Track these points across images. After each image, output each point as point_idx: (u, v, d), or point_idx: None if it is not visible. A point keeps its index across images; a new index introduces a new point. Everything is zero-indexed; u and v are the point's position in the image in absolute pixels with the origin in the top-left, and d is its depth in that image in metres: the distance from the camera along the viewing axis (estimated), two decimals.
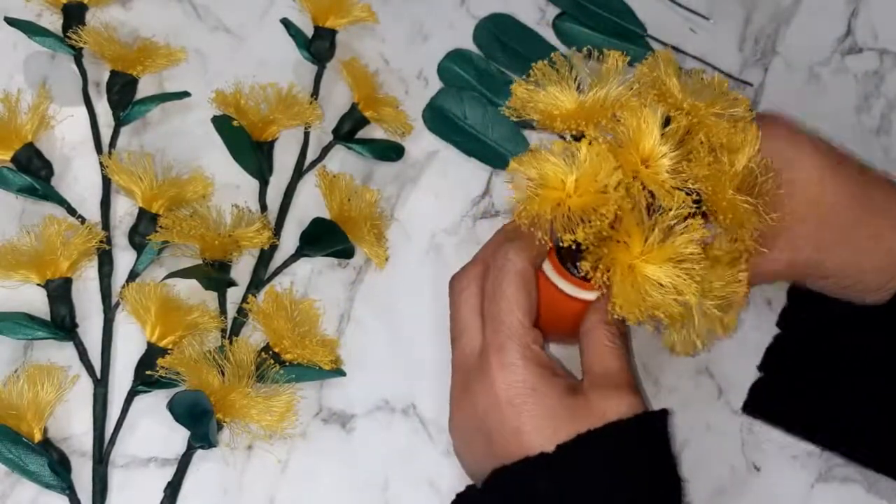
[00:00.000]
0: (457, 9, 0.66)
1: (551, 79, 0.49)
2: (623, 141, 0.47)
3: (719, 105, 0.49)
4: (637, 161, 0.47)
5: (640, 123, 0.47)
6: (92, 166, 0.59)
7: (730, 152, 0.49)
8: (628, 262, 0.46)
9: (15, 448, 0.51)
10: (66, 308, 0.55)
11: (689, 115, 0.48)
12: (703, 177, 0.47)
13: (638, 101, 0.48)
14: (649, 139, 0.47)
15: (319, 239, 0.58)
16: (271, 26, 0.63)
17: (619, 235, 0.46)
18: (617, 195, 0.45)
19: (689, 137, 0.48)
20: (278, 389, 0.53)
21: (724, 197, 0.48)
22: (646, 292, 0.45)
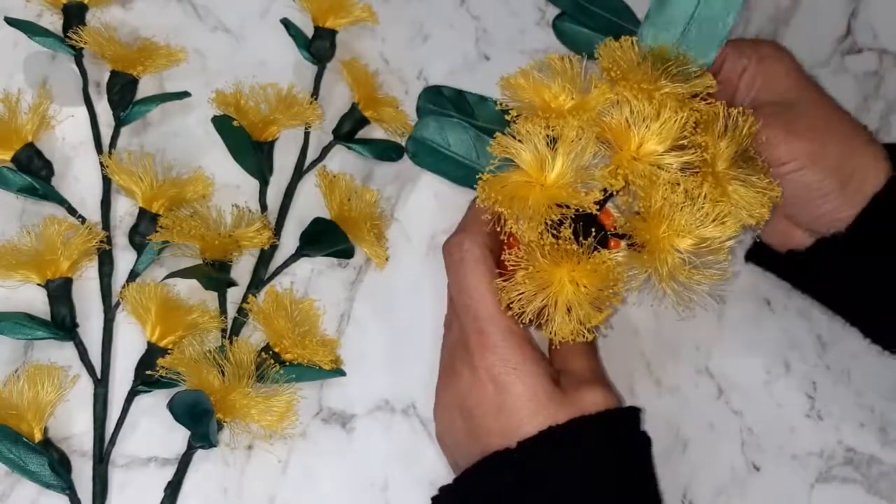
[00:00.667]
0: (457, 9, 0.66)
1: (555, 74, 0.50)
2: (613, 130, 0.48)
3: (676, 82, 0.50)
4: (629, 147, 0.48)
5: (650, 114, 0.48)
6: (92, 166, 0.59)
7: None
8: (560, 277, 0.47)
9: (15, 448, 0.51)
10: (66, 308, 0.55)
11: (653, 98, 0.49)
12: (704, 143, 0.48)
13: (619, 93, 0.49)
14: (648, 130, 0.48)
15: (319, 239, 0.58)
16: (271, 26, 0.63)
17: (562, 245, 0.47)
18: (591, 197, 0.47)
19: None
20: (278, 389, 0.53)
21: (715, 169, 0.49)
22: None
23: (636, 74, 0.50)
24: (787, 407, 0.59)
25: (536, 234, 0.47)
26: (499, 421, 0.48)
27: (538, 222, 0.47)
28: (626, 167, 0.48)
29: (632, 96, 0.49)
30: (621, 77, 0.50)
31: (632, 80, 0.49)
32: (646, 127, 0.48)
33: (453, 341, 0.52)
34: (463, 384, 0.50)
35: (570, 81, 0.50)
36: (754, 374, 0.59)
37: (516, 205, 0.47)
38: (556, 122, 0.49)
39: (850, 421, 0.59)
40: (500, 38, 0.66)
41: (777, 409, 0.59)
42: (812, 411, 0.59)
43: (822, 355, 0.60)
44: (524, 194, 0.47)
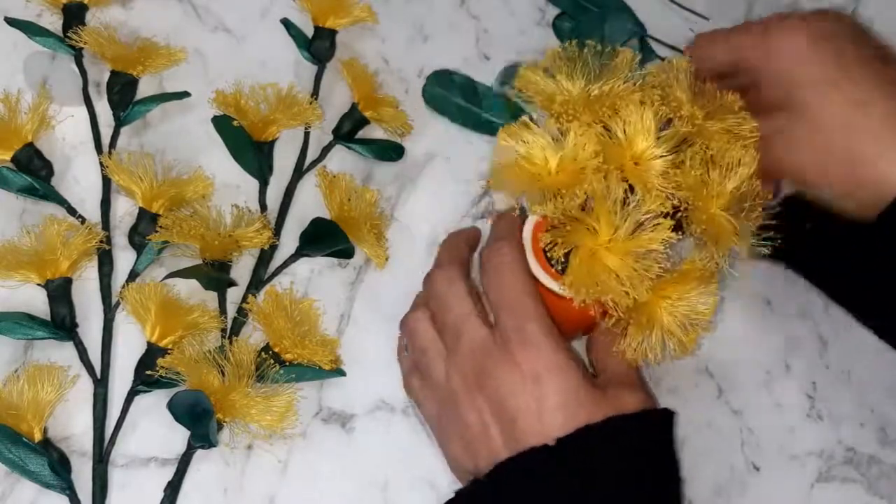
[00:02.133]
0: (457, 9, 0.66)
1: (561, 67, 0.50)
2: (617, 134, 0.48)
3: (724, 121, 0.50)
4: (627, 156, 0.47)
5: (637, 120, 0.47)
6: (92, 166, 0.59)
7: (726, 170, 0.49)
8: (592, 248, 0.47)
9: (15, 448, 0.51)
10: (66, 308, 0.55)
11: (689, 123, 0.48)
12: (690, 186, 0.48)
13: (640, 97, 0.49)
14: (644, 138, 0.47)
15: (319, 239, 0.58)
16: (271, 26, 0.63)
17: (588, 220, 0.47)
18: (593, 178, 0.46)
19: (687, 146, 0.49)
20: (278, 389, 0.53)
21: (707, 211, 0.48)
22: (600, 279, 0.47)
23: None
24: (787, 407, 0.59)
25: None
26: (542, 422, 0.47)
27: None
28: (624, 173, 0.48)
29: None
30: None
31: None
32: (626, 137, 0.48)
33: (477, 345, 0.50)
34: (503, 387, 0.49)
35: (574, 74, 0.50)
36: (754, 374, 0.59)
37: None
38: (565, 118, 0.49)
39: (850, 421, 0.59)
40: (500, 38, 0.66)
41: (777, 409, 0.59)
42: (812, 411, 0.59)
43: (822, 355, 0.60)
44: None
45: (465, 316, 0.51)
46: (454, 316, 0.51)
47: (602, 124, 0.49)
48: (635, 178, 0.47)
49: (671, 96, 0.49)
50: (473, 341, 0.50)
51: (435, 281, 0.54)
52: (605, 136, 0.48)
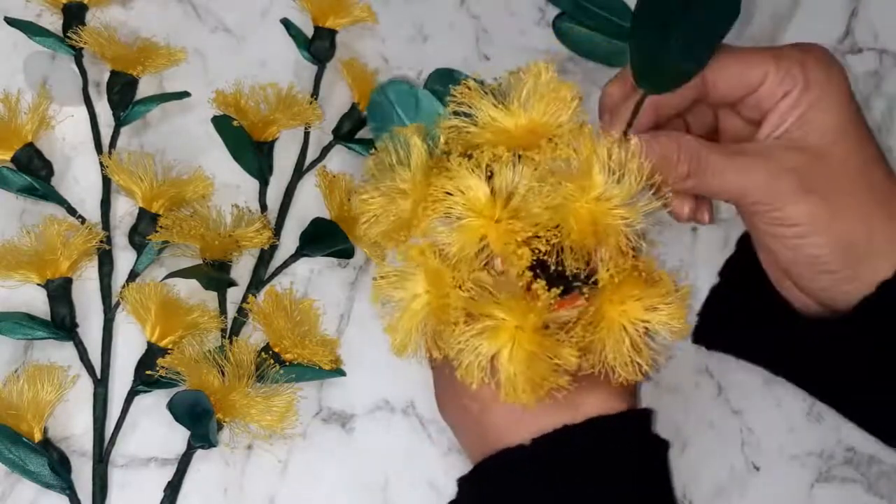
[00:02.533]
0: (457, 9, 0.66)
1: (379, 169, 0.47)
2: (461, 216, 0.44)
3: (545, 113, 0.45)
4: (485, 231, 0.43)
5: (461, 189, 0.43)
6: (92, 166, 0.59)
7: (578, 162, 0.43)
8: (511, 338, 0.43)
9: (15, 448, 0.51)
10: (66, 308, 0.55)
11: (496, 144, 0.44)
12: (551, 207, 0.42)
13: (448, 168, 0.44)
14: (479, 196, 0.43)
15: (319, 239, 0.58)
16: (271, 26, 0.63)
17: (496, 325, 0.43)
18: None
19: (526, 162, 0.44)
20: (278, 389, 0.53)
21: (583, 219, 0.43)
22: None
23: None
24: (787, 407, 0.59)
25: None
26: (516, 434, 0.47)
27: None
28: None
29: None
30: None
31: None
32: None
33: (433, 377, 0.52)
34: (456, 424, 0.50)
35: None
36: (754, 374, 0.59)
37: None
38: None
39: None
40: (500, 38, 0.66)
41: (777, 408, 0.59)
42: (812, 411, 0.59)
43: None
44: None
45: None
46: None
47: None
48: (502, 244, 0.43)
49: (470, 138, 0.46)
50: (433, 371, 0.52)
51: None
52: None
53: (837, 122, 0.47)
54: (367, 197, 0.46)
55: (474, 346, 0.43)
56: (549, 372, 0.43)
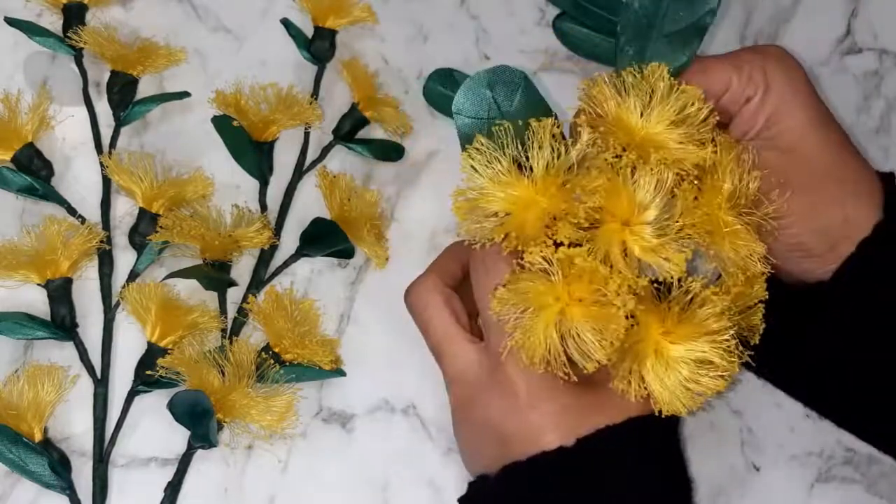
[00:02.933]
0: (457, 9, 0.66)
1: (485, 165, 0.45)
2: (602, 219, 0.43)
3: (680, 126, 0.45)
4: (622, 234, 0.43)
5: (614, 196, 0.43)
6: (92, 166, 0.59)
7: (711, 175, 0.45)
8: (653, 349, 0.43)
9: (15, 448, 0.51)
10: (66, 308, 0.55)
11: (643, 151, 0.44)
12: (696, 223, 0.43)
13: (595, 174, 0.43)
14: (624, 202, 0.43)
15: (320, 239, 0.58)
16: (271, 26, 0.63)
17: (636, 335, 0.43)
18: (623, 298, 0.42)
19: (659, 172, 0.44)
20: (278, 389, 0.53)
21: (722, 232, 0.44)
22: (684, 378, 0.43)
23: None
24: (787, 407, 0.59)
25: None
26: (543, 440, 0.46)
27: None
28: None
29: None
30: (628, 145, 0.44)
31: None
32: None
33: (464, 368, 0.49)
34: (495, 412, 0.47)
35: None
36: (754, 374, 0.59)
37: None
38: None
39: None
40: (500, 38, 0.66)
41: (777, 408, 0.59)
42: (812, 411, 0.59)
43: None
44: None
45: (445, 338, 0.50)
46: (436, 338, 0.50)
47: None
48: (641, 250, 0.43)
49: (614, 130, 0.45)
50: (457, 364, 0.49)
51: (412, 294, 0.52)
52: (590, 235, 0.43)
53: (803, 119, 0.49)
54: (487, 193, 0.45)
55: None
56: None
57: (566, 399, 0.47)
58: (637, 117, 0.45)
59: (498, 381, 0.47)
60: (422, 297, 0.51)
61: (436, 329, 0.50)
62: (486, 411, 0.48)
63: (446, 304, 0.51)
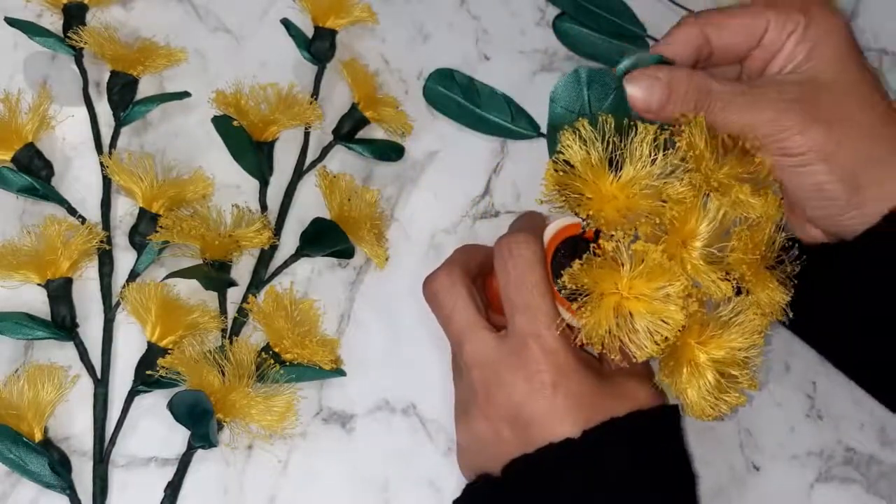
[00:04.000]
0: (457, 9, 0.66)
1: (582, 149, 0.47)
2: (669, 229, 0.46)
3: (740, 168, 0.48)
4: (681, 247, 0.46)
5: (687, 214, 0.46)
6: (92, 166, 0.59)
7: (755, 223, 0.47)
8: (689, 359, 0.47)
9: (15, 448, 0.51)
10: (66, 308, 0.55)
11: (721, 193, 0.47)
12: (743, 260, 0.46)
13: (684, 188, 0.46)
14: (694, 224, 0.46)
15: (320, 239, 0.58)
16: (271, 26, 0.63)
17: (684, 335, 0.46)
18: (681, 300, 0.45)
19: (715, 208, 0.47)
20: (278, 389, 0.53)
21: (761, 281, 0.47)
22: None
23: (710, 165, 0.47)
24: (787, 407, 0.59)
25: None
26: (563, 424, 0.47)
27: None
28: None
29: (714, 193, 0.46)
30: (697, 169, 0.47)
31: (706, 171, 0.47)
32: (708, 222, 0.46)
33: (485, 352, 0.50)
34: (517, 394, 0.48)
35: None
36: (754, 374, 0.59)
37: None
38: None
39: (850, 421, 0.59)
40: (500, 38, 0.66)
41: (777, 408, 0.59)
42: (812, 411, 0.59)
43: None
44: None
45: (467, 325, 0.50)
46: (457, 326, 0.51)
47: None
48: (695, 269, 0.46)
49: (702, 169, 0.47)
50: (480, 350, 0.50)
51: (433, 285, 0.53)
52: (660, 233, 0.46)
53: (842, 53, 0.50)
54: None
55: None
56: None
57: (588, 382, 0.48)
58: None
59: (523, 364, 0.48)
60: (446, 287, 0.52)
61: (461, 317, 0.51)
62: (510, 392, 0.48)
63: (470, 294, 0.51)
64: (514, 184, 0.62)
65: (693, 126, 0.47)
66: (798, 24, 0.50)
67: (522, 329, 0.48)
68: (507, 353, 0.49)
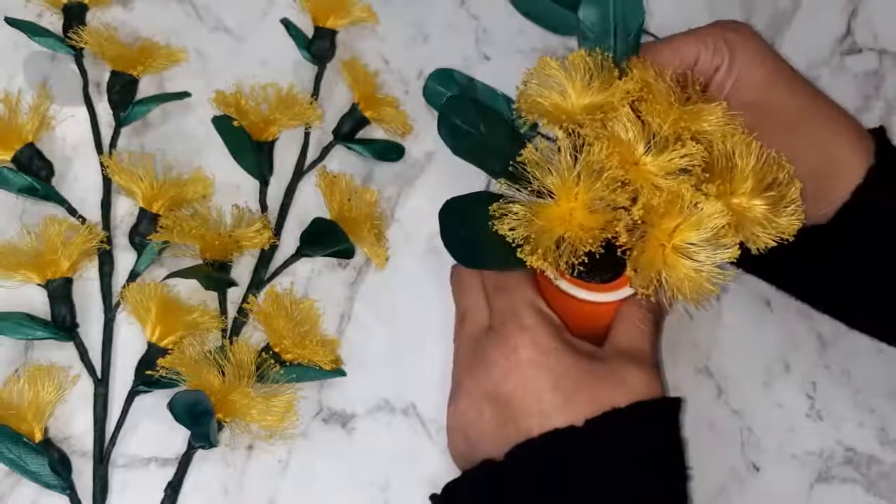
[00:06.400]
0: (457, 9, 0.66)
1: (557, 75, 0.49)
2: (619, 141, 0.47)
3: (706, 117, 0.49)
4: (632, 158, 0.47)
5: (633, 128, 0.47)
6: (92, 166, 0.59)
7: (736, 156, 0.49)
8: (660, 243, 0.46)
9: (15, 448, 0.51)
10: (66, 308, 0.55)
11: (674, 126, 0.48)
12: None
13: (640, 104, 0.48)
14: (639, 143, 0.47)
15: (320, 239, 0.58)
16: (271, 26, 0.63)
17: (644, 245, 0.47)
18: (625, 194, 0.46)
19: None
20: (279, 389, 0.53)
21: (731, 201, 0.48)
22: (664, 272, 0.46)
23: (663, 98, 0.48)
24: (787, 407, 0.59)
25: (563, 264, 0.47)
26: (541, 402, 0.48)
27: (566, 256, 0.46)
28: (634, 179, 0.47)
29: (657, 122, 0.48)
30: (650, 99, 0.49)
31: (660, 104, 0.48)
32: (665, 155, 0.47)
33: (475, 330, 0.52)
34: (496, 372, 0.49)
35: (582, 78, 0.49)
36: (754, 374, 0.59)
37: (544, 238, 0.46)
38: (573, 125, 0.48)
39: (850, 421, 0.59)
40: (500, 38, 0.66)
41: (777, 408, 0.59)
42: (812, 411, 0.59)
43: (821, 355, 0.60)
44: (554, 225, 0.46)
45: (468, 307, 0.53)
46: (461, 307, 0.53)
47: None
48: (642, 177, 0.47)
49: (653, 102, 0.49)
50: (470, 330, 0.52)
51: (456, 270, 0.55)
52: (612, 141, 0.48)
53: (766, 73, 0.53)
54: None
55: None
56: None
57: (567, 360, 0.48)
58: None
59: (502, 341, 0.49)
60: (465, 271, 0.54)
61: (470, 295, 0.53)
62: (489, 369, 0.49)
63: (481, 280, 0.53)
64: None
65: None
66: (724, 57, 0.53)
67: (501, 308, 0.50)
68: (490, 332, 0.50)
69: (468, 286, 0.54)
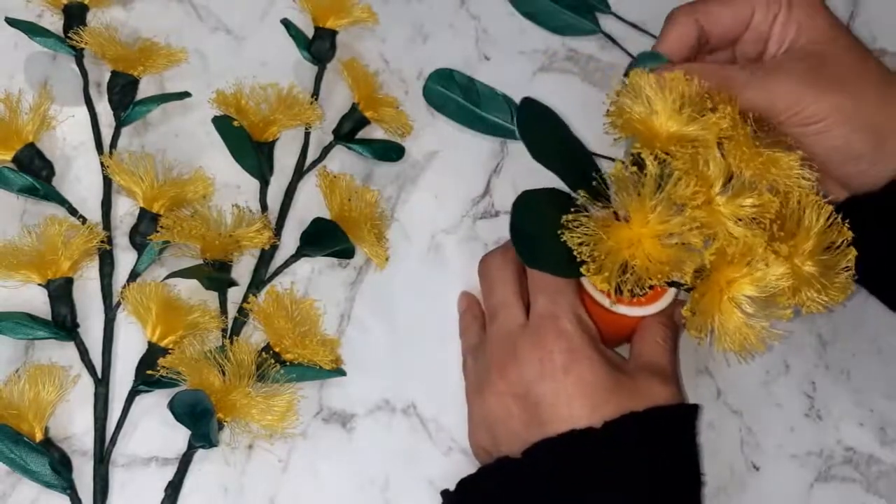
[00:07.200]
0: (457, 9, 0.66)
1: (650, 91, 0.49)
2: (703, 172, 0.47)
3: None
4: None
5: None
6: (93, 166, 0.59)
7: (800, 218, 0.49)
8: (719, 288, 0.47)
9: (16, 447, 0.51)
10: (67, 308, 0.55)
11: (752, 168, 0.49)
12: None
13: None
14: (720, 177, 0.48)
15: (320, 239, 0.58)
16: (272, 27, 0.63)
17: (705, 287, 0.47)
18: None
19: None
20: (279, 389, 0.53)
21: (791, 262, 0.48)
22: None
23: (750, 142, 0.49)
24: (787, 406, 0.59)
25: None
26: (570, 408, 0.48)
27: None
28: (712, 223, 0.47)
29: (739, 166, 0.48)
30: (738, 141, 0.49)
31: (747, 146, 0.48)
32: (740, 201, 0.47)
33: (509, 329, 0.52)
34: (529, 373, 0.49)
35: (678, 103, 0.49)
36: (754, 374, 0.59)
37: (610, 260, 0.46)
38: (663, 152, 0.47)
39: (849, 420, 0.59)
40: (500, 38, 0.66)
41: (776, 408, 0.59)
42: (811, 411, 0.59)
43: (821, 355, 0.60)
44: (622, 248, 0.47)
45: (503, 302, 0.53)
46: (494, 300, 0.53)
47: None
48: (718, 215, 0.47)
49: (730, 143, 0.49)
50: (505, 326, 0.52)
51: (487, 262, 0.55)
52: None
53: (827, 25, 0.53)
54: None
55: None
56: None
57: (600, 371, 0.49)
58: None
59: (538, 344, 0.50)
60: (498, 264, 0.54)
61: (501, 291, 0.53)
62: (522, 370, 0.50)
63: (515, 275, 0.53)
64: (514, 184, 0.63)
65: (729, 107, 0.49)
66: (780, 5, 0.53)
67: (542, 309, 0.50)
68: (527, 331, 0.51)
69: (501, 280, 0.53)
